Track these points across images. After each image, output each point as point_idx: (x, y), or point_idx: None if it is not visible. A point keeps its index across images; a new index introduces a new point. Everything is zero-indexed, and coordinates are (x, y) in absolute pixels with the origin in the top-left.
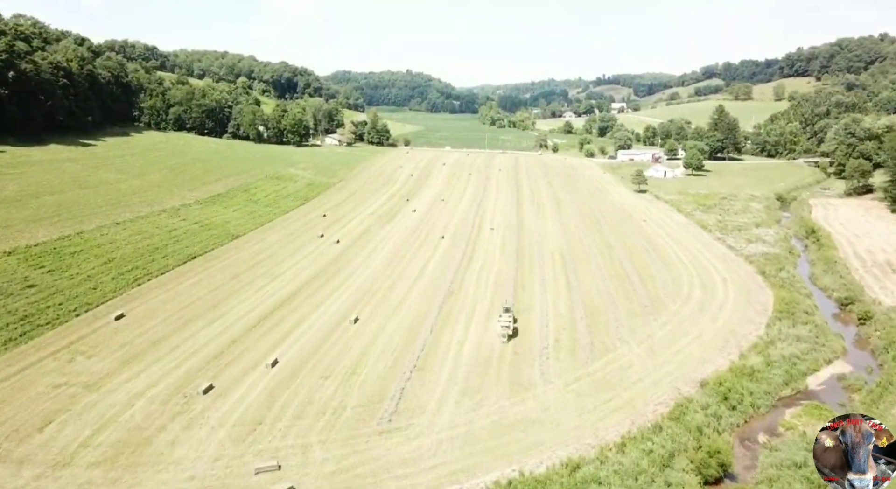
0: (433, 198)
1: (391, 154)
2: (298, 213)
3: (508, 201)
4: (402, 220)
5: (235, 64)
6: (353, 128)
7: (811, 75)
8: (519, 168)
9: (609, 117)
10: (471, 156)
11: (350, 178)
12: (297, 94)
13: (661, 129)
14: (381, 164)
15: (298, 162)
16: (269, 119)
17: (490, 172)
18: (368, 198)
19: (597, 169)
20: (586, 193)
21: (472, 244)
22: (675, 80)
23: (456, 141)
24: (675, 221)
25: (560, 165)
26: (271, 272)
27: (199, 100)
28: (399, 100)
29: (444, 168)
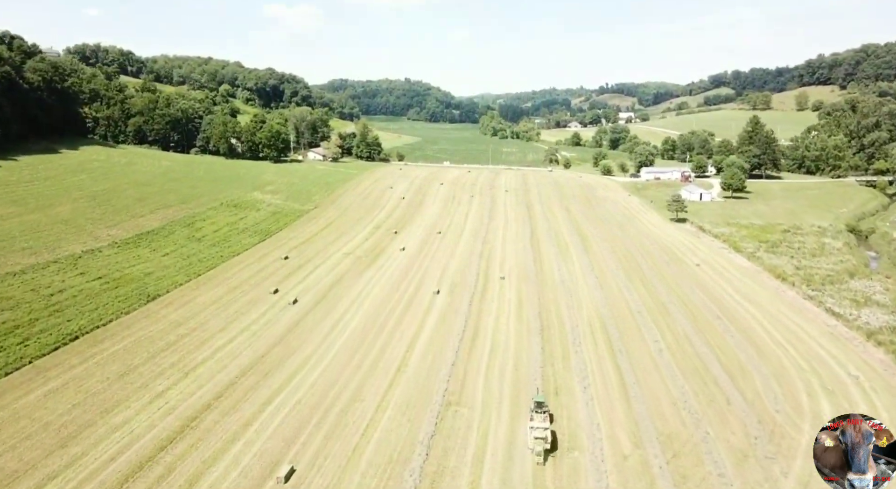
0: (428, 229)
1: (381, 171)
2: (253, 256)
3: (520, 234)
4: (387, 265)
5: (218, 70)
6: (340, 141)
7: (834, 83)
8: (529, 188)
9: (621, 128)
10: (472, 173)
11: (328, 204)
12: (284, 102)
13: (683, 142)
14: (369, 184)
15: (268, 183)
16: (242, 131)
17: (495, 194)
18: (347, 231)
19: (619, 190)
20: (614, 223)
21: (478, 304)
22: (681, 89)
23: (455, 154)
24: (738, 267)
25: (576, 185)
26: (184, 362)
27: (162, 109)
28: (397, 109)
29: (442, 189)
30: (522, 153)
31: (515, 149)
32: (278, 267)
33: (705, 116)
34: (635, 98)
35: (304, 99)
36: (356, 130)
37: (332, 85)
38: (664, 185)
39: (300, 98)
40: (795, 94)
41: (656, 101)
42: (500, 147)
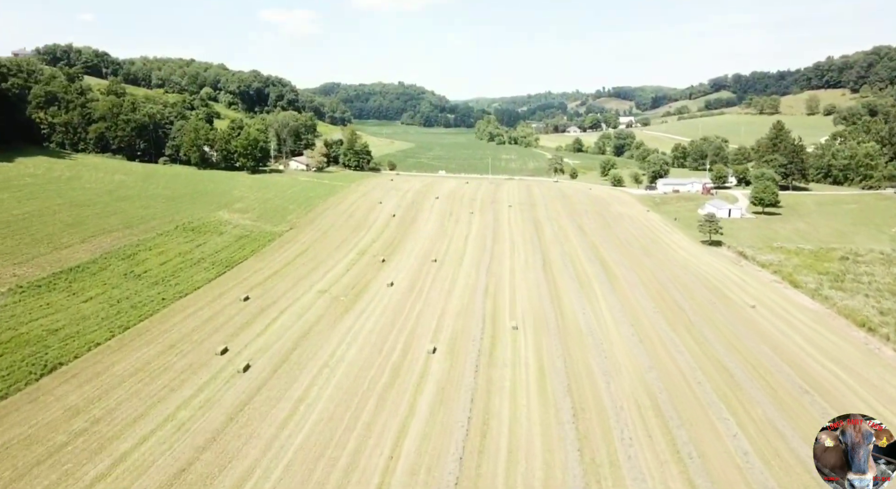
0: (421, 256)
1: (370, 183)
2: (205, 296)
3: (531, 262)
4: (370, 307)
5: (200, 73)
6: (326, 149)
7: (845, 87)
8: (535, 203)
9: (626, 134)
10: (471, 184)
11: (306, 224)
12: (269, 106)
13: (695, 149)
14: (355, 198)
15: (238, 199)
16: (216, 139)
17: (498, 210)
18: (326, 259)
19: (635, 204)
20: (637, 246)
21: (486, 371)
22: (679, 93)
23: (452, 162)
24: (804, 309)
25: (586, 198)
26: (64, 487)
27: (126, 114)
28: (390, 113)
29: (438, 204)
30: (522, 160)
31: (515, 155)
32: (234, 313)
33: (709, 121)
34: (633, 102)
35: (290, 103)
36: (343, 137)
37: (324, 88)
38: (684, 198)
39: (286, 102)
40: (805, 98)
41: (654, 105)
42: (499, 153)
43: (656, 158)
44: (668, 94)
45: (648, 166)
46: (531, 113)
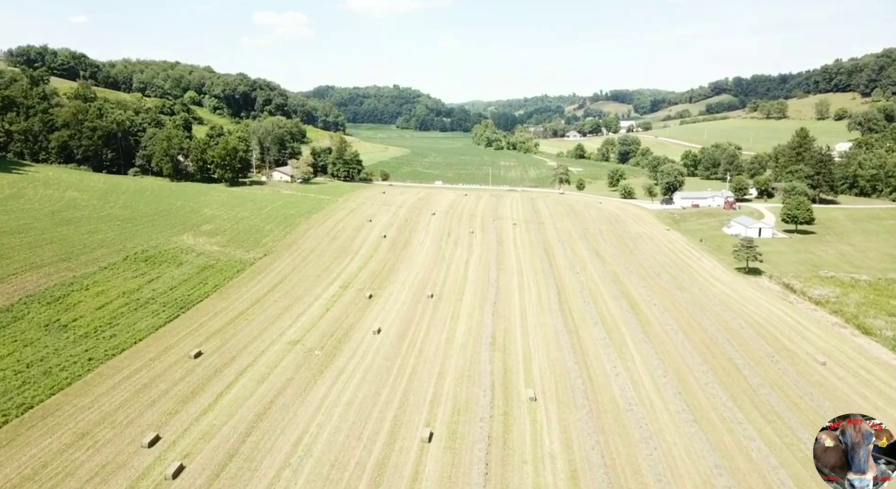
0: (415, 289)
1: (360, 196)
2: (146, 352)
3: (545, 300)
4: (350, 366)
5: (185, 75)
6: (312, 158)
7: (855, 90)
8: (542, 220)
9: (630, 139)
10: (470, 197)
11: (283, 249)
12: (255, 111)
13: (706, 156)
14: (342, 216)
15: (209, 219)
16: (190, 148)
17: (502, 229)
18: (303, 295)
19: (652, 221)
20: (665, 276)
21: (498, 474)
22: (679, 97)
23: (449, 170)
24: (885, 366)
25: (598, 214)
26: None
27: (91, 121)
28: (385, 117)
29: (435, 221)
30: (523, 168)
31: (514, 162)
32: (179, 376)
33: (714, 126)
34: (630, 105)
35: (279, 108)
36: (332, 145)
37: (317, 92)
38: (705, 214)
39: (274, 106)
40: (815, 102)
41: (653, 108)
42: (498, 160)
43: (670, 169)
44: (667, 97)
45: (662, 177)
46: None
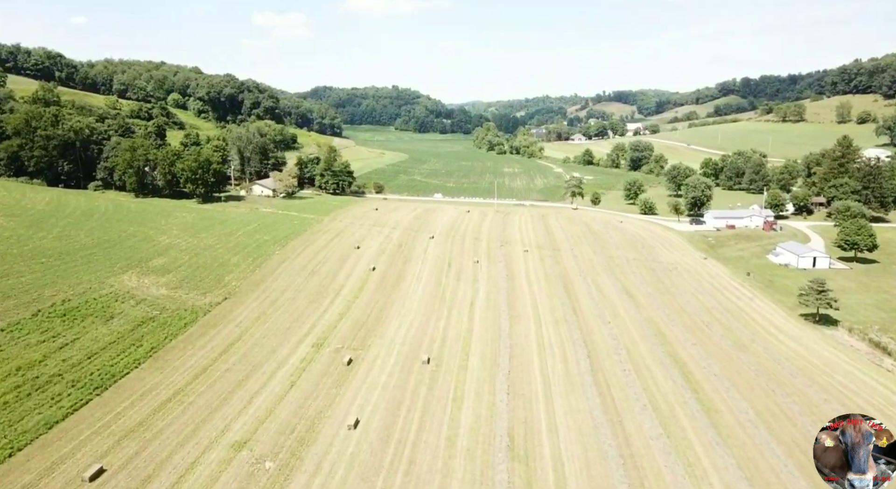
0: (406, 351)
1: (350, 214)
2: (20, 474)
3: (573, 372)
4: (314, 486)
5: (169, 77)
6: (298, 170)
7: (876, 92)
8: (557, 245)
9: (643, 145)
10: (473, 213)
11: (249, 289)
12: (242, 115)
13: (731, 165)
14: (326, 241)
15: (163, 250)
16: (157, 160)
17: (511, 258)
18: (262, 362)
19: (685, 247)
20: (718, 329)
21: None
22: (684, 97)
23: (449, 179)
24: None
25: (620, 236)
26: None
27: (45, 129)
28: (384, 118)
29: (433, 246)
30: (528, 176)
31: (518, 168)
32: None
33: (726, 129)
34: (634, 106)
35: (268, 111)
36: (320, 154)
37: (315, 92)
38: (744, 236)
39: (263, 110)
40: (836, 104)
41: (658, 109)
42: (501, 166)
43: (697, 182)
44: (672, 98)
45: (688, 191)
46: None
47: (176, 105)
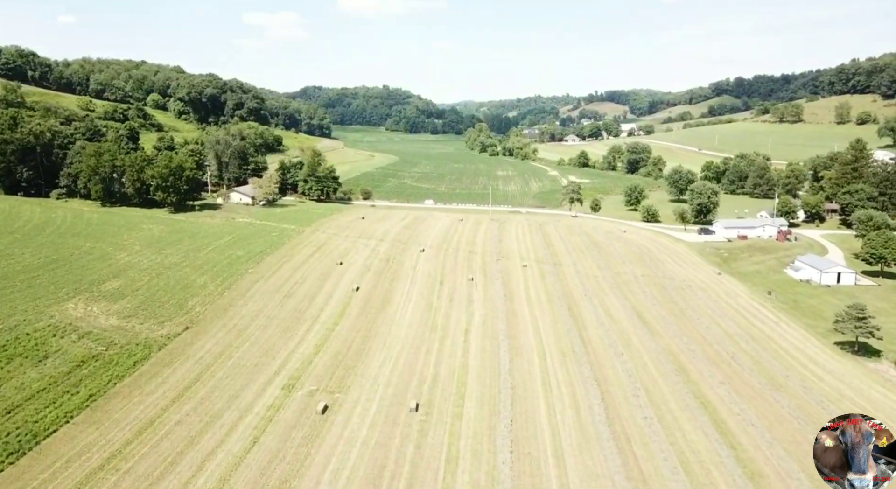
0: (391, 397)
1: (334, 224)
2: None
3: (586, 420)
4: None
5: (149, 76)
6: (279, 176)
7: (875, 92)
8: (559, 260)
9: (641, 147)
10: (467, 222)
11: (215, 316)
12: (225, 116)
13: (734, 169)
14: (305, 256)
15: (120, 271)
16: (125, 166)
17: (509, 273)
18: (222, 411)
19: (696, 260)
20: (746, 362)
21: None
22: (677, 97)
23: (440, 183)
24: None
25: (625, 249)
26: None
27: (2, 132)
28: (374, 118)
29: (423, 261)
30: (523, 179)
31: (512, 170)
32: None
33: (722, 130)
34: (626, 106)
35: (252, 112)
36: (304, 159)
37: (304, 92)
38: (758, 248)
39: (247, 110)
40: (835, 104)
41: (651, 109)
42: (494, 168)
43: (703, 187)
44: (665, 98)
45: (693, 197)
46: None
47: (156, 106)
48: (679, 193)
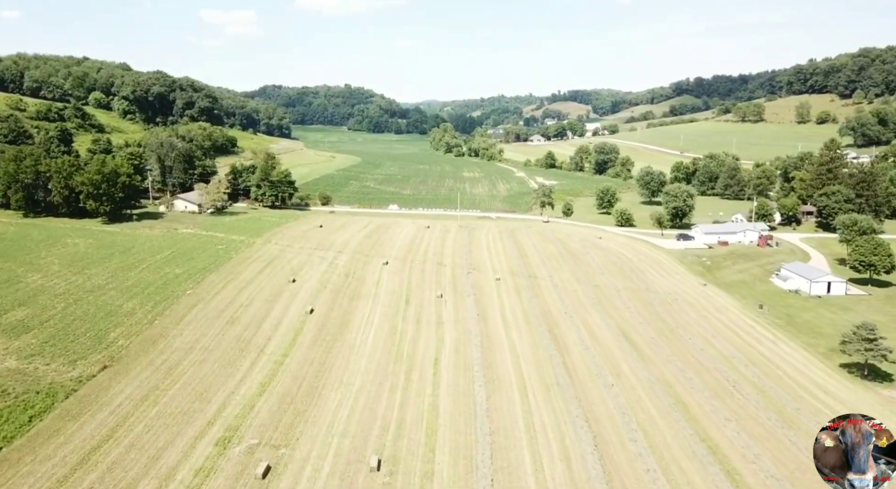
0: (347, 452)
1: (288, 234)
2: None
3: (579, 476)
4: None
5: (90, 74)
6: (229, 180)
7: (832, 92)
8: (533, 270)
9: (609, 147)
10: (434, 229)
11: (139, 350)
12: (174, 115)
13: (704, 169)
14: (253, 273)
15: (28, 297)
16: (50, 172)
17: (481, 288)
18: (135, 482)
19: (679, 271)
20: (751, 392)
21: None
22: (639, 97)
23: (405, 186)
24: None
25: (602, 258)
26: None
27: None
28: (336, 118)
29: (387, 276)
30: (490, 181)
31: (478, 172)
32: None
33: (684, 129)
34: (589, 106)
35: (204, 111)
36: (256, 161)
37: (263, 91)
38: (740, 255)
39: (198, 110)
40: (796, 104)
41: (614, 109)
42: (460, 169)
43: (677, 190)
44: (626, 97)
45: (668, 200)
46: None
47: (98, 105)
48: (651, 195)
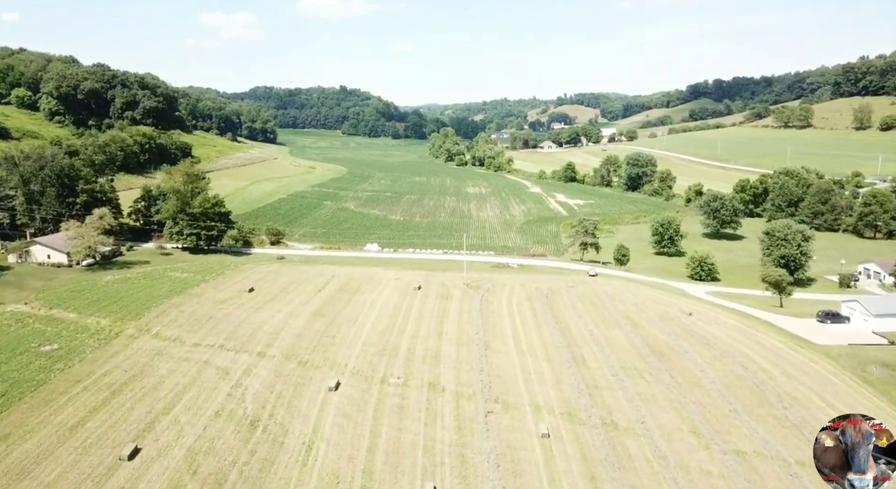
0: None
1: (185, 313)
2: None
3: None
4: None
5: (16, 67)
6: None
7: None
8: (609, 409)
9: (644, 160)
10: (427, 296)
11: None
12: (112, 118)
13: (782, 190)
14: (60, 430)
15: None
16: None
17: (517, 462)
18: None
19: (864, 405)
20: None
21: None
22: (651, 100)
23: (395, 206)
24: None
25: (719, 369)
26: None
27: None
28: (330, 122)
29: (330, 422)
30: (500, 198)
31: (485, 186)
32: None
33: (714, 136)
34: (597, 110)
35: (150, 112)
36: (170, 183)
37: (253, 93)
38: None
39: (142, 111)
40: (854, 107)
41: (626, 113)
42: (464, 184)
43: (785, 229)
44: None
45: (772, 245)
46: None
47: (22, 104)
48: (719, 226)
